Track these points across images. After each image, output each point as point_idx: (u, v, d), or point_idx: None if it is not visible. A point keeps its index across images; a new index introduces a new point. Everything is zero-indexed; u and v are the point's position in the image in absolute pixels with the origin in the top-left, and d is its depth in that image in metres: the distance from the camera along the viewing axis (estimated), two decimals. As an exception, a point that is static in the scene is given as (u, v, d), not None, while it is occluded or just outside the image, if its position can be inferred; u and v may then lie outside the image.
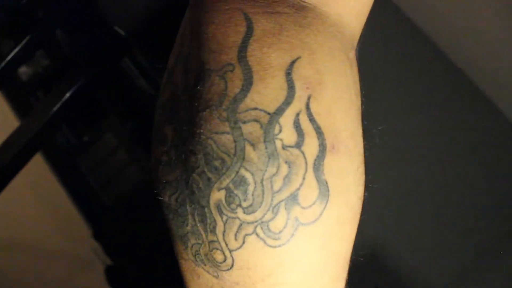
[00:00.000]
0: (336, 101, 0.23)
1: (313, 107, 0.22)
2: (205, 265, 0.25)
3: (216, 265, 0.24)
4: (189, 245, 0.25)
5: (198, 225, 0.24)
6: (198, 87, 0.23)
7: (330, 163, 0.23)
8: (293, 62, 0.22)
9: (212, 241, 0.24)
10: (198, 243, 0.24)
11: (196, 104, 0.23)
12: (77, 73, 0.96)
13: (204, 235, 0.24)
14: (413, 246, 0.92)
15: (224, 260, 0.24)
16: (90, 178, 1.25)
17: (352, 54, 0.26)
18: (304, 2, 0.23)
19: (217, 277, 0.25)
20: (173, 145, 0.25)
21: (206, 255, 0.24)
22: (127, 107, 1.39)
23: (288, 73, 0.22)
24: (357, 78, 0.26)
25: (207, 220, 0.23)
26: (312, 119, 0.22)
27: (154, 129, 0.27)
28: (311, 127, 0.22)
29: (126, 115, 1.40)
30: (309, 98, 0.22)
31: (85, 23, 0.98)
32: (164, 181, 0.25)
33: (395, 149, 0.85)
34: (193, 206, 0.24)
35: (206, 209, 0.23)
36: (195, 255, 0.25)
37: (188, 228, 0.24)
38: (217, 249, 0.24)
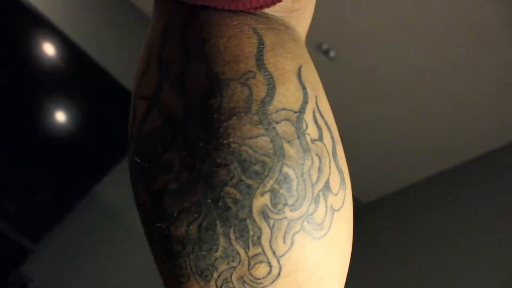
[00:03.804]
0: (326, 101, 0.27)
1: (320, 106, 0.25)
2: None
3: (255, 284, 0.23)
4: (215, 275, 0.23)
5: (235, 243, 0.22)
6: (213, 100, 0.23)
7: (339, 153, 0.26)
8: (299, 68, 0.25)
9: (255, 255, 0.23)
10: (231, 267, 0.23)
11: (215, 116, 0.23)
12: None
13: (243, 253, 0.23)
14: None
15: (269, 272, 0.23)
16: None
17: None
18: (287, 23, 0.27)
19: None
20: (184, 168, 0.23)
21: (241, 277, 0.23)
22: None
23: (299, 77, 0.24)
24: None
25: (248, 233, 0.22)
26: (322, 116, 0.25)
27: (150, 162, 0.24)
28: (323, 122, 0.25)
29: None
30: (317, 98, 0.25)
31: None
32: (177, 211, 0.23)
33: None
34: (227, 224, 0.22)
35: (248, 221, 0.22)
36: (221, 286, 0.23)
37: (218, 253, 0.23)
38: (261, 262, 0.23)
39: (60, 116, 2.06)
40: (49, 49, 2.04)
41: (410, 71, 1.82)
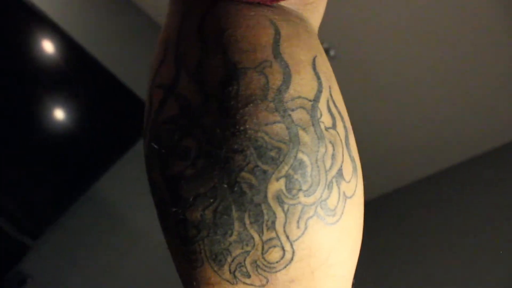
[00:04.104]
0: (339, 91, 0.28)
1: (333, 96, 0.26)
2: (248, 277, 0.24)
3: (268, 268, 0.24)
4: (229, 260, 0.24)
5: (249, 227, 0.23)
6: (230, 88, 0.24)
7: (351, 142, 0.26)
8: (314, 59, 0.25)
9: (270, 239, 0.23)
10: (245, 251, 0.23)
11: (232, 103, 0.23)
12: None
13: (257, 237, 0.23)
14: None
15: (283, 257, 0.23)
16: None
17: None
18: (302, 15, 0.27)
19: (264, 285, 0.24)
20: (201, 154, 0.24)
21: (254, 262, 0.24)
22: None
23: (314, 67, 0.25)
24: None
25: (263, 218, 0.23)
26: (335, 105, 0.26)
27: (167, 148, 0.25)
28: (337, 112, 0.26)
29: None
30: (330, 88, 0.26)
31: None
32: (193, 197, 0.24)
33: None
34: (242, 208, 0.23)
35: (262, 205, 0.23)
36: (234, 271, 0.24)
37: (232, 238, 0.23)
38: (274, 246, 0.23)
39: (59, 114, 2.06)
40: (48, 46, 2.04)
41: (411, 70, 1.83)
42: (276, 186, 0.23)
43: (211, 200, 0.23)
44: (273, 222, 0.23)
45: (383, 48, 1.80)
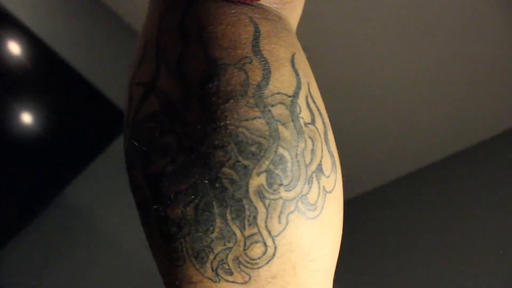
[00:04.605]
0: (317, 88, 0.28)
1: (312, 92, 0.26)
2: (231, 274, 0.24)
3: (250, 265, 0.24)
4: (211, 257, 0.24)
5: (231, 223, 0.23)
6: (210, 84, 0.24)
7: (330, 137, 0.27)
8: (293, 56, 0.26)
9: (251, 235, 0.23)
10: (227, 248, 0.23)
11: (213, 99, 0.24)
12: None
13: (239, 233, 0.23)
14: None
15: (265, 252, 0.24)
16: None
17: None
18: (280, 14, 0.28)
19: (246, 282, 0.24)
20: (182, 151, 0.24)
21: (236, 258, 0.24)
22: None
23: (293, 64, 0.26)
24: None
25: (245, 213, 0.23)
26: (314, 101, 0.26)
27: (148, 145, 0.25)
28: (315, 108, 0.26)
29: None
30: (309, 84, 0.26)
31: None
32: (173, 194, 0.24)
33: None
34: (224, 204, 0.23)
35: (244, 201, 0.23)
36: (216, 269, 0.24)
37: (214, 234, 0.23)
38: (256, 242, 0.23)
39: (28, 117, 2.01)
40: (15, 48, 1.99)
41: (387, 70, 1.87)
42: (257, 181, 0.23)
43: (192, 197, 0.23)
44: (255, 218, 0.23)
45: (361, 49, 1.83)
